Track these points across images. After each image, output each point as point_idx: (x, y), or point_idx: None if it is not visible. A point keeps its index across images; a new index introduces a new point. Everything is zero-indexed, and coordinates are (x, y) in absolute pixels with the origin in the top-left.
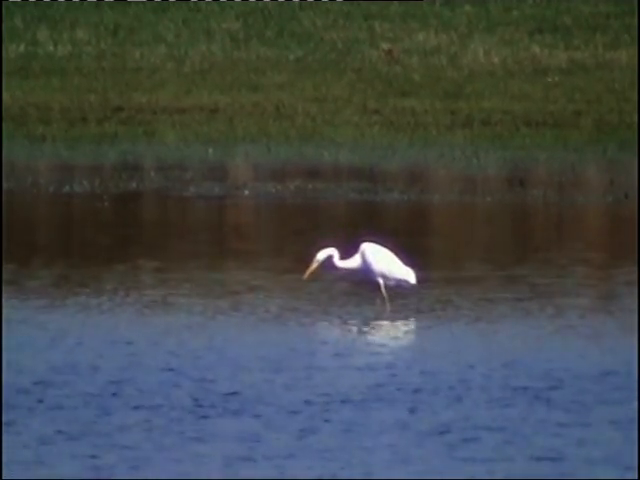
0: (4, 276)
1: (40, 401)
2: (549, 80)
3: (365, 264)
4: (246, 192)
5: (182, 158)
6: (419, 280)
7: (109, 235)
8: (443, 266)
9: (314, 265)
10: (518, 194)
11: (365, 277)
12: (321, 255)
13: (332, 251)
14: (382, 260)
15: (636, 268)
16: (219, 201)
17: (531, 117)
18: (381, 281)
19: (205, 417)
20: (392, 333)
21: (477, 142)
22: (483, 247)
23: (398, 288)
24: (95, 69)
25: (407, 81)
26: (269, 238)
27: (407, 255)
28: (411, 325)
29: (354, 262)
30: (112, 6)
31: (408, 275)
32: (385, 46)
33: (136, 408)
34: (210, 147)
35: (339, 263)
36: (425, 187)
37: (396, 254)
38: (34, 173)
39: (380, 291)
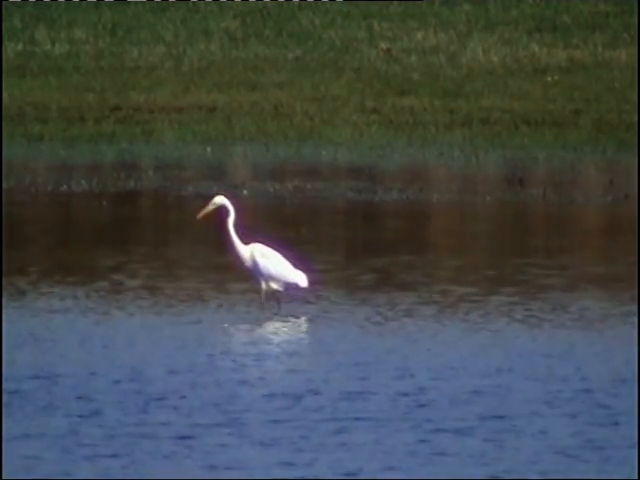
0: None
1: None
2: (548, 79)
3: (253, 265)
4: (244, 191)
5: (180, 157)
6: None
7: (107, 234)
8: (441, 264)
9: (209, 207)
10: (517, 193)
11: (252, 278)
12: (219, 199)
13: (229, 206)
14: (270, 263)
15: (636, 268)
16: None
17: (530, 116)
18: (264, 286)
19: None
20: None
21: (476, 141)
22: (481, 246)
23: (289, 291)
24: (93, 68)
25: (406, 80)
26: (267, 237)
27: (406, 253)
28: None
29: (243, 250)
30: (110, 5)
31: (298, 278)
32: (384, 45)
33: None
34: (208, 146)
35: (231, 229)
36: (424, 186)
37: (394, 252)
38: (32, 172)
39: (260, 294)
